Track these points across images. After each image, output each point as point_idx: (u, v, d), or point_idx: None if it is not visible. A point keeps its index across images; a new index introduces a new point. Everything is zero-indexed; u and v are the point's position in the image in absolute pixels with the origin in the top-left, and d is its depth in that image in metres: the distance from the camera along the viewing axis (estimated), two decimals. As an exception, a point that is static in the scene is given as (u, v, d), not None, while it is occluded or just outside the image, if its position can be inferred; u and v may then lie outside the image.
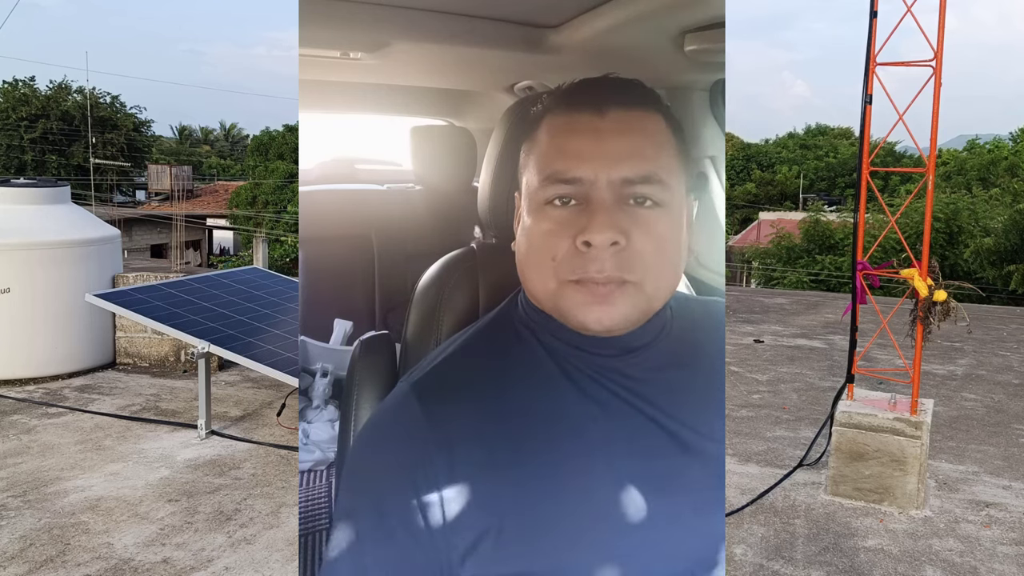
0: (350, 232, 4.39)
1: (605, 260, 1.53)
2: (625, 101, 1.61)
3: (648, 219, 1.56)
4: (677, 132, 1.66)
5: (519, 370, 1.65)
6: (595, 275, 1.54)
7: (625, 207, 1.55)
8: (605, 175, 1.55)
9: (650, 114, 1.62)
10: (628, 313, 1.57)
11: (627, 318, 1.57)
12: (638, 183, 1.55)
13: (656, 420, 1.61)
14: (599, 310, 1.55)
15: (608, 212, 1.54)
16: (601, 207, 1.54)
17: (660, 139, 1.61)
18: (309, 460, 3.60)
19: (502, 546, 1.51)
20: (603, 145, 1.56)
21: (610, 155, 1.55)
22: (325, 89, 4.35)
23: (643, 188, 1.55)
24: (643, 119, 1.60)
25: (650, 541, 1.52)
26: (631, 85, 1.66)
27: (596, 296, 1.55)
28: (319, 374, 3.92)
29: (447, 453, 1.55)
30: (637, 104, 1.62)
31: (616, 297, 1.55)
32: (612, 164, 1.55)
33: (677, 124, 1.67)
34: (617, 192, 1.55)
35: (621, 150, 1.56)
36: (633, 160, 1.56)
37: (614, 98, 1.61)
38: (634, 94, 1.64)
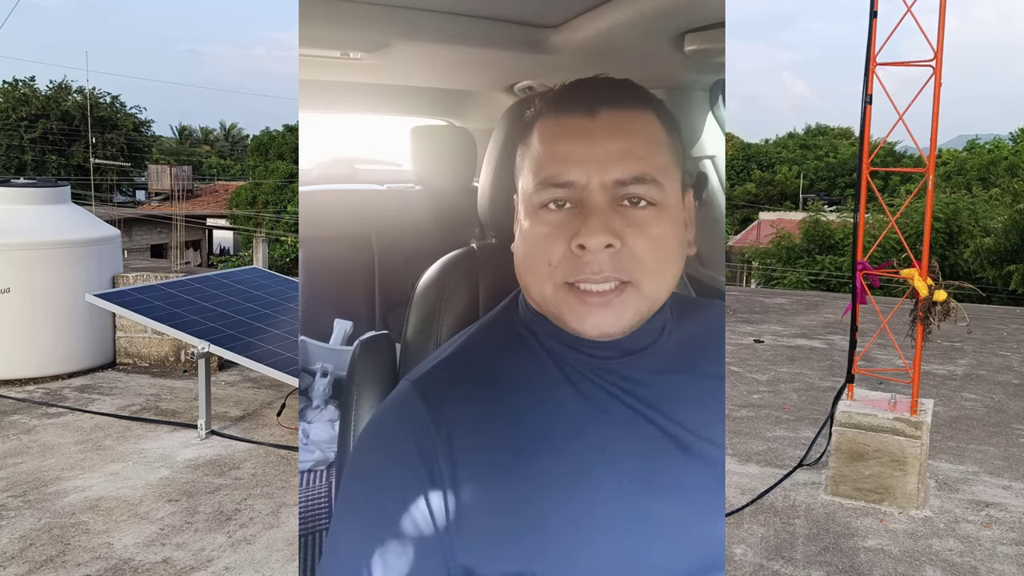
0: (350, 232, 4.39)
1: (601, 263, 1.53)
2: (615, 101, 1.60)
3: (643, 219, 1.55)
4: (671, 129, 1.65)
5: (520, 371, 1.65)
6: (591, 277, 1.53)
7: (620, 208, 1.55)
8: (597, 178, 1.54)
9: (642, 113, 1.61)
10: (627, 317, 1.56)
11: (626, 322, 1.56)
12: (630, 184, 1.54)
13: (655, 422, 1.61)
14: (597, 316, 1.55)
15: (601, 215, 1.53)
16: (595, 210, 1.53)
17: (652, 138, 1.59)
18: (309, 460, 3.60)
19: (502, 545, 1.51)
20: (594, 147, 1.55)
21: (601, 157, 1.55)
22: (325, 89, 4.36)
23: (636, 188, 1.54)
24: (634, 118, 1.59)
25: (650, 542, 1.52)
26: (622, 85, 1.65)
27: (593, 302, 1.54)
28: (319, 374, 3.93)
29: (448, 452, 1.55)
30: (628, 104, 1.61)
31: (614, 302, 1.54)
32: (604, 166, 1.54)
33: (672, 121, 1.66)
34: (610, 194, 1.54)
35: (612, 151, 1.55)
36: (624, 161, 1.55)
37: (604, 99, 1.60)
38: (625, 94, 1.63)
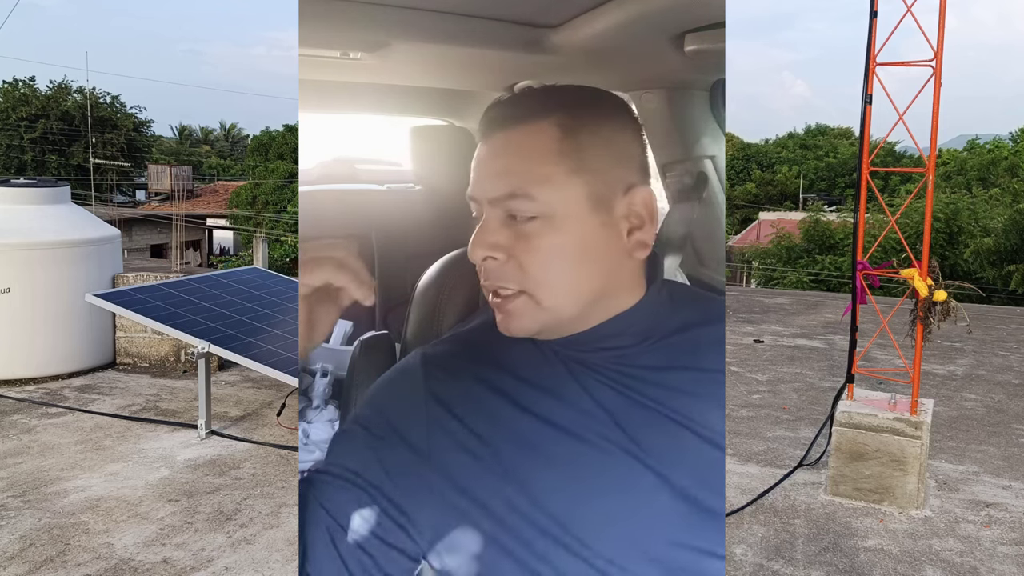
0: (350, 232, 4.39)
1: (487, 273, 1.65)
2: (504, 120, 1.66)
3: (528, 233, 1.62)
4: (573, 136, 1.63)
5: (521, 355, 1.73)
6: (487, 287, 1.67)
7: (510, 223, 1.63)
8: (484, 195, 1.65)
9: (530, 125, 1.63)
10: (526, 323, 1.66)
11: (526, 327, 1.66)
12: (505, 200, 1.62)
13: (656, 422, 1.61)
14: (503, 319, 1.67)
15: (484, 230, 1.64)
16: (483, 225, 1.65)
17: (534, 151, 1.61)
18: (309, 460, 3.60)
19: (494, 541, 1.51)
20: (482, 167, 1.66)
21: (485, 175, 1.65)
22: (325, 89, 4.35)
23: (512, 204, 1.62)
24: (519, 133, 1.63)
25: (648, 539, 1.52)
26: (517, 99, 1.69)
27: (497, 307, 1.67)
28: (319, 374, 3.93)
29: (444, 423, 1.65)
30: (516, 120, 1.65)
31: (507, 306, 1.65)
32: (485, 183, 1.65)
33: (586, 125, 1.64)
34: (499, 209, 1.63)
35: (494, 169, 1.64)
36: (501, 177, 1.63)
37: (497, 120, 1.67)
38: (516, 110, 1.66)
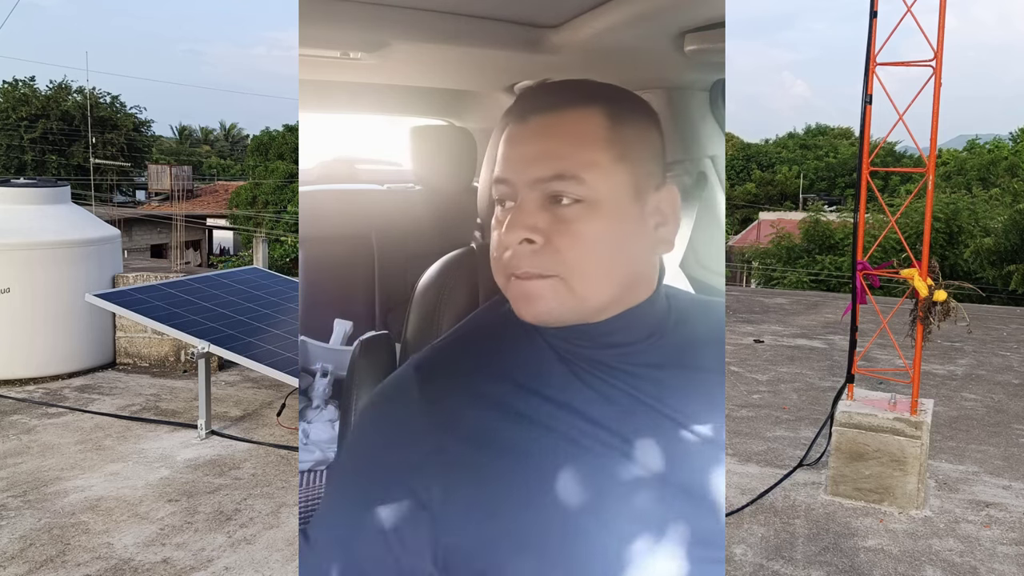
0: (350, 232, 4.39)
1: (523, 257, 1.62)
2: (547, 105, 1.66)
3: (569, 217, 1.61)
4: (624, 125, 1.66)
5: (516, 355, 1.71)
6: (515, 270, 1.64)
7: (548, 206, 1.62)
8: (523, 176, 1.62)
9: (578, 111, 1.65)
10: (553, 308, 1.63)
11: (552, 312, 1.64)
12: (550, 180, 1.60)
13: (655, 422, 1.61)
14: (527, 303, 1.64)
15: (523, 211, 1.62)
16: (519, 207, 1.63)
17: (582, 137, 1.63)
18: (309, 460, 3.60)
19: (493, 540, 1.51)
20: (520, 148, 1.64)
21: (526, 157, 1.63)
22: (325, 89, 4.35)
23: (556, 185, 1.60)
24: (564, 119, 1.64)
25: (647, 540, 1.52)
26: (559, 87, 1.70)
27: (523, 290, 1.64)
28: (319, 374, 3.93)
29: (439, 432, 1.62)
30: (560, 106, 1.65)
31: (539, 291, 1.63)
32: (526, 165, 1.63)
33: (630, 116, 1.67)
34: (538, 192, 1.62)
35: (535, 151, 1.63)
36: (545, 160, 1.61)
37: (539, 104, 1.67)
38: (561, 95, 1.67)
